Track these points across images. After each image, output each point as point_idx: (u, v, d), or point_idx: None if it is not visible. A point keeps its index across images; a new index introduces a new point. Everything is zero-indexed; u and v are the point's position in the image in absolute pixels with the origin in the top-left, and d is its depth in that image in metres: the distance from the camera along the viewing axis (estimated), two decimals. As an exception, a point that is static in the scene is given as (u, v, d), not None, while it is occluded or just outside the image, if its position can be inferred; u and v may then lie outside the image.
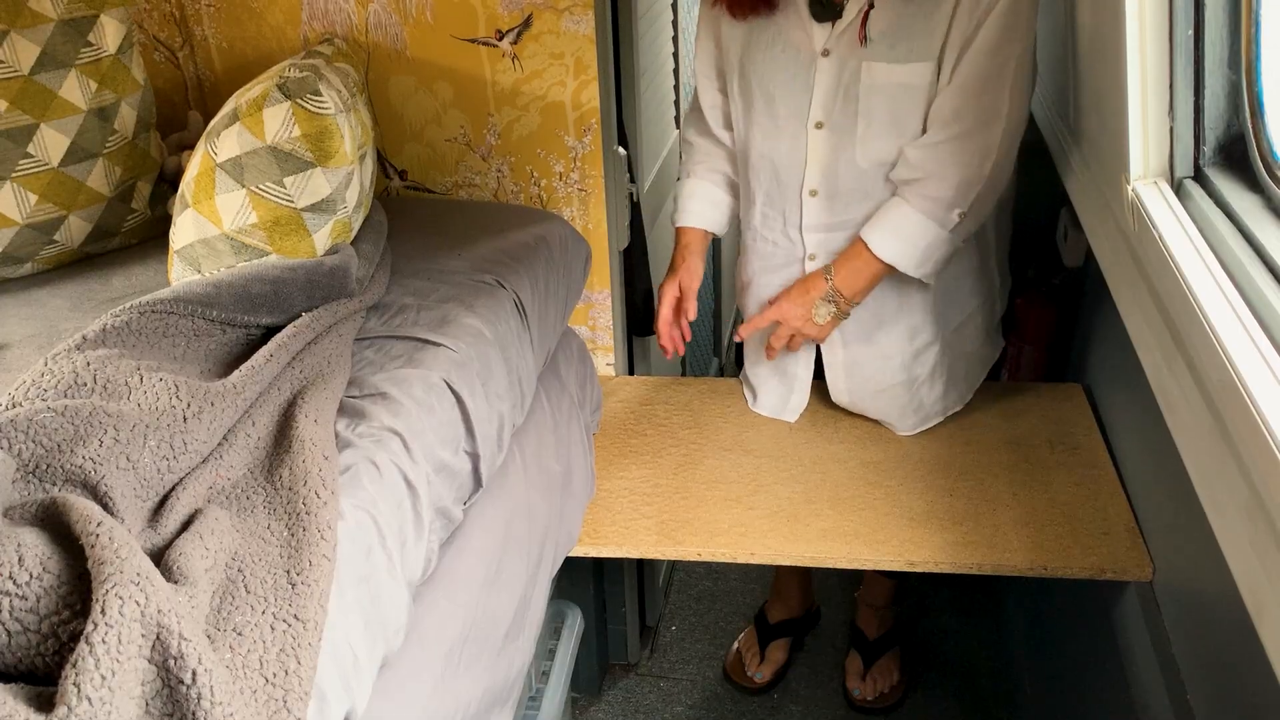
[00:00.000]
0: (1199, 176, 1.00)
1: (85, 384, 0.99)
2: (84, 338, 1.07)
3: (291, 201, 1.23)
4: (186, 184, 1.26)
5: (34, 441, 0.89)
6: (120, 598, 0.72)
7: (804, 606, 2.14)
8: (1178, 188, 1.01)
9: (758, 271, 1.69)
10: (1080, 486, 1.52)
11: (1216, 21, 0.91)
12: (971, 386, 1.74)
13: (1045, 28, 1.76)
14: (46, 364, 1.02)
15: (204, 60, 1.74)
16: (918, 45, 1.40)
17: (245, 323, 1.20)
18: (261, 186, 1.22)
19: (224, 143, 1.22)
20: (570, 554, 1.52)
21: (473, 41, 1.62)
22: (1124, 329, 1.19)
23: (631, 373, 1.98)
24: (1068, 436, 1.64)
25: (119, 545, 0.79)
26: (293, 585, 0.90)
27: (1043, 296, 1.92)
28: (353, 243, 1.36)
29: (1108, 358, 1.67)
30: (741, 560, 1.46)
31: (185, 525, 0.92)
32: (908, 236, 1.47)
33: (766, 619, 2.11)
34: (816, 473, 1.59)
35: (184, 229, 1.26)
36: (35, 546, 0.78)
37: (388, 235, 1.50)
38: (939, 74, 1.41)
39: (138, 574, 0.75)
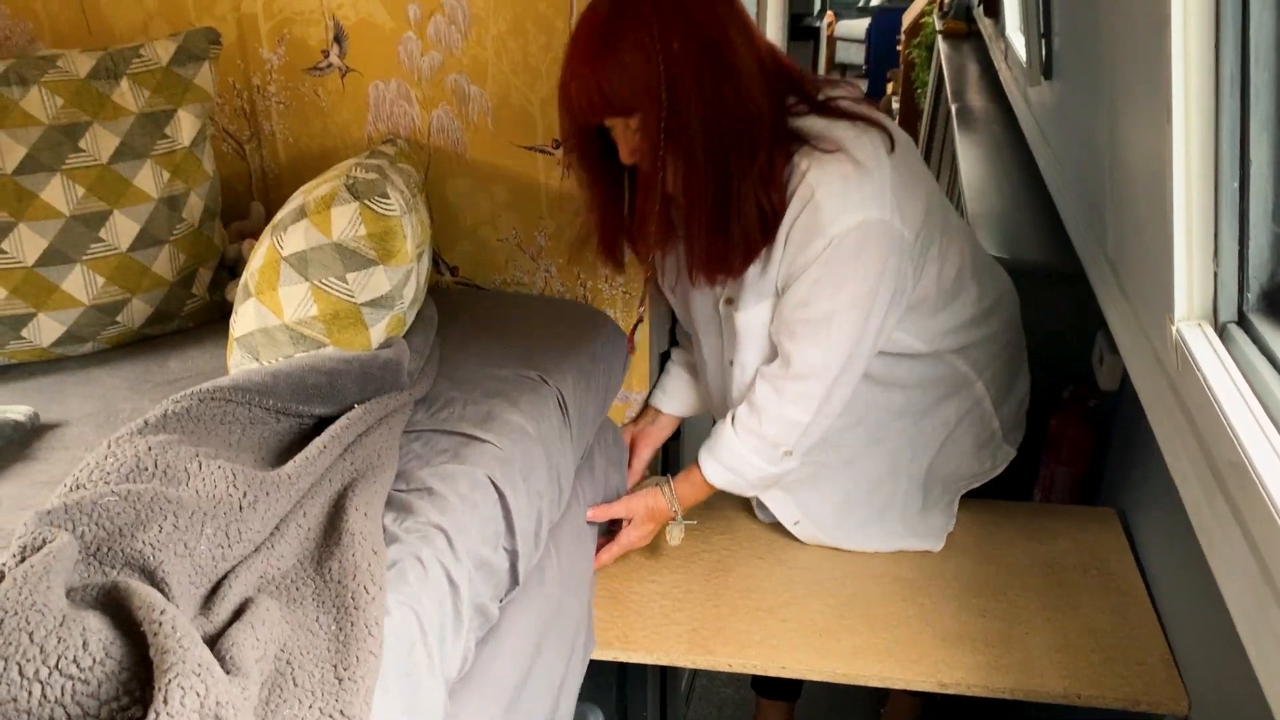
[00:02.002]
0: (1243, 321, 1.02)
1: (147, 469, 1.01)
2: (145, 422, 1.10)
3: (352, 296, 1.27)
4: (250, 274, 1.30)
5: (97, 524, 0.92)
6: (182, 688, 0.74)
7: None
8: (1221, 331, 1.04)
9: None
10: (1114, 614, 1.51)
11: (1262, 176, 0.94)
12: (951, 505, 1.70)
13: (1085, 147, 1.80)
14: (109, 446, 1.04)
15: (270, 153, 1.81)
16: (765, 285, 1.43)
17: (300, 412, 1.23)
18: (325, 281, 1.26)
19: (290, 237, 1.27)
20: (600, 657, 1.52)
21: (530, 149, 1.68)
22: (1160, 457, 1.20)
23: (664, 473, 1.99)
24: (1101, 561, 1.63)
25: (181, 635, 0.80)
26: (339, 681, 0.91)
27: (1078, 418, 1.94)
28: (405, 336, 1.40)
29: (1143, 483, 1.68)
30: (773, 674, 1.46)
31: (236, 613, 0.94)
32: (737, 469, 1.53)
33: None
34: (849, 586, 1.59)
35: (245, 317, 1.30)
36: (99, 631, 0.80)
37: (437, 328, 1.54)
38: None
39: (199, 665, 0.77)
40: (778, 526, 1.74)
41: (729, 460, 1.52)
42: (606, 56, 1.22)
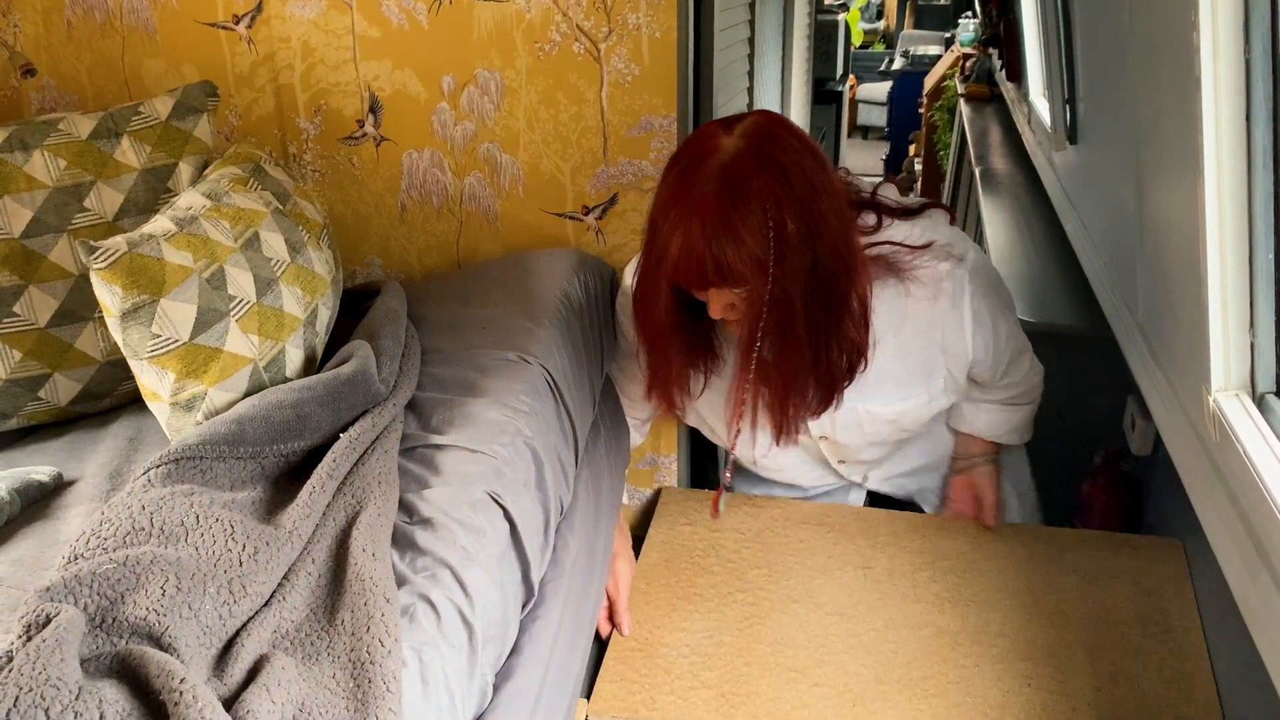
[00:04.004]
0: (1281, 392, 1.02)
1: (143, 528, 0.99)
2: (132, 487, 1.08)
3: (177, 340, 1.19)
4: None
5: (99, 594, 0.90)
6: (208, 762, 0.73)
7: None
8: (1259, 401, 1.03)
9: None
10: (1170, 685, 1.41)
11: (1297, 246, 0.95)
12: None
13: (1113, 213, 1.81)
14: (104, 513, 1.02)
15: (304, 219, 1.84)
16: (909, 384, 1.56)
17: (277, 452, 1.19)
18: (149, 348, 1.19)
19: (112, 335, 1.21)
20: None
21: (560, 215, 1.71)
22: (1197, 523, 1.18)
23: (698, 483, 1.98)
24: (1161, 614, 1.53)
25: (203, 705, 0.79)
26: (361, 740, 0.89)
27: (1109, 483, 1.91)
28: (371, 337, 1.37)
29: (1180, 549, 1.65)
30: None
31: (251, 673, 0.92)
32: (1019, 424, 1.71)
33: None
34: (889, 641, 1.52)
35: (157, 414, 1.25)
36: (116, 703, 0.79)
37: (414, 318, 1.51)
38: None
39: (223, 736, 0.76)
40: (815, 559, 1.69)
41: (1014, 423, 1.69)
42: (727, 234, 1.24)
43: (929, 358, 1.50)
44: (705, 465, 2.03)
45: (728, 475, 1.63)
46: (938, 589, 1.62)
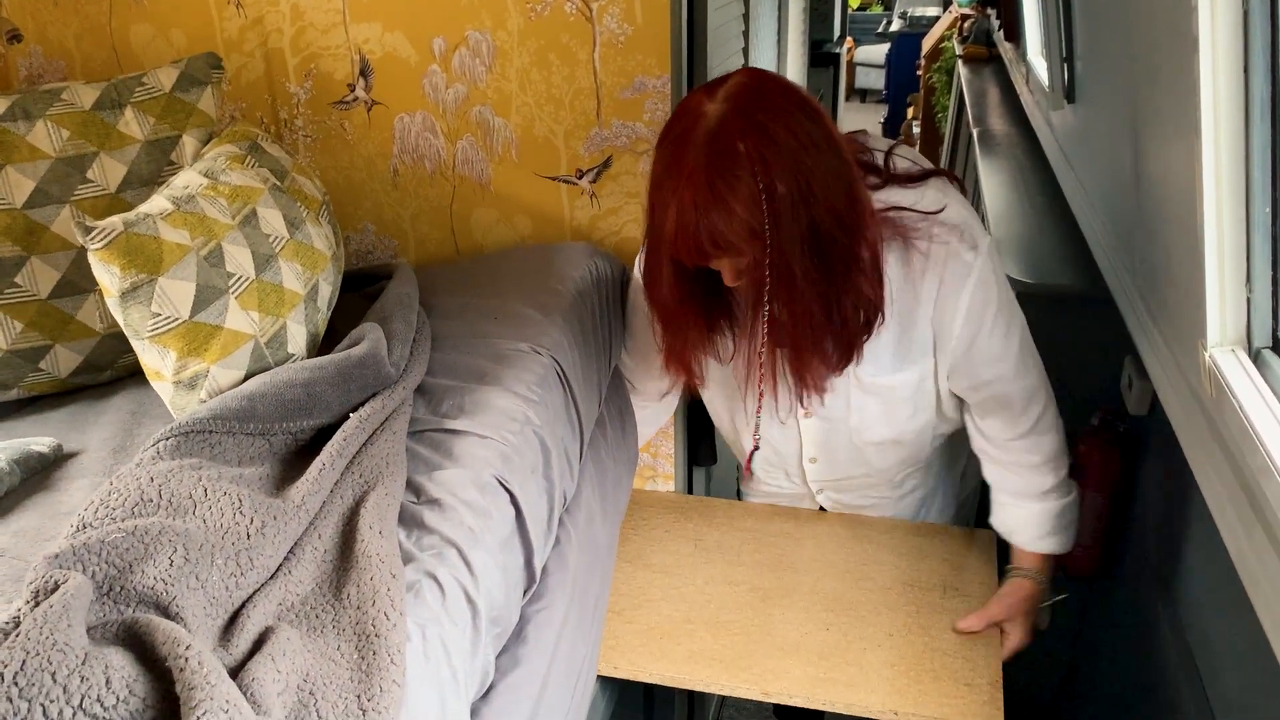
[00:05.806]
0: (1277, 346, 1.01)
1: (151, 500, 1.00)
2: (140, 460, 1.08)
3: (177, 319, 1.19)
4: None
5: (107, 563, 0.90)
6: (211, 726, 0.73)
7: None
8: (1255, 356, 1.03)
9: (765, 493, 1.82)
10: (960, 635, 1.52)
11: (1294, 199, 0.94)
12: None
13: (1110, 171, 1.80)
14: (113, 483, 1.02)
15: (296, 186, 1.83)
16: (905, 356, 1.49)
17: (286, 430, 1.19)
18: (149, 327, 1.18)
19: (113, 315, 1.21)
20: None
21: (553, 179, 1.69)
22: (1195, 481, 1.18)
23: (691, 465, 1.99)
24: (964, 583, 1.63)
25: (208, 671, 0.80)
26: (364, 712, 0.90)
27: (1107, 443, 1.91)
28: (383, 321, 1.37)
29: (1177, 509, 1.65)
30: (605, 674, 1.49)
31: (256, 644, 0.93)
32: (1054, 526, 1.60)
33: None
34: (704, 593, 1.62)
35: (161, 392, 1.25)
36: (122, 668, 0.79)
37: (426, 305, 1.52)
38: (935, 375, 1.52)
39: (227, 701, 0.77)
40: (652, 533, 1.77)
41: (1040, 526, 1.59)
42: (716, 205, 1.21)
43: (923, 331, 1.47)
44: (695, 470, 2.04)
45: (757, 438, 1.63)
46: (760, 558, 1.71)
